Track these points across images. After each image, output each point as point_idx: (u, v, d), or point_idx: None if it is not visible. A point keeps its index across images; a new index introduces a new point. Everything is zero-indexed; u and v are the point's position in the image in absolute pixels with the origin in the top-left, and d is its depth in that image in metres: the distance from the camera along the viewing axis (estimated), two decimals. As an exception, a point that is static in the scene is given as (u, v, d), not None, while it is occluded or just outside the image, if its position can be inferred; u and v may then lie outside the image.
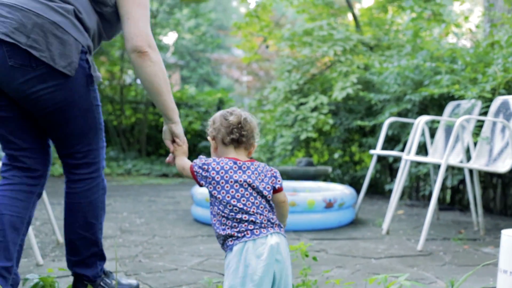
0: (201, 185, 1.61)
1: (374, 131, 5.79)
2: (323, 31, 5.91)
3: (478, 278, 2.33)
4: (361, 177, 5.86)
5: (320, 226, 3.55)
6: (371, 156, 5.75)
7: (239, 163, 1.60)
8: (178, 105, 9.35)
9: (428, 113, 4.55)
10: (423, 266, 2.55)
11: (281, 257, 1.54)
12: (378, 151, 4.02)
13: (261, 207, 1.57)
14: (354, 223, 3.85)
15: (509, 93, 3.74)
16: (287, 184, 4.46)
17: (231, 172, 1.57)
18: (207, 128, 1.72)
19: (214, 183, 1.57)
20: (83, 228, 1.95)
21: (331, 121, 5.59)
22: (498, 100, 3.45)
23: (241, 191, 1.56)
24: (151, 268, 2.46)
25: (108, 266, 2.13)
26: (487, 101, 3.78)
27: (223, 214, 1.55)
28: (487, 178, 4.40)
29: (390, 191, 5.10)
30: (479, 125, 3.75)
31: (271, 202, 1.61)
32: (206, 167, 1.58)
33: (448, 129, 3.80)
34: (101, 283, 2.02)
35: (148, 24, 1.88)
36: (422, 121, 3.38)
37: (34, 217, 3.82)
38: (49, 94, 1.77)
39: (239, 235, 1.53)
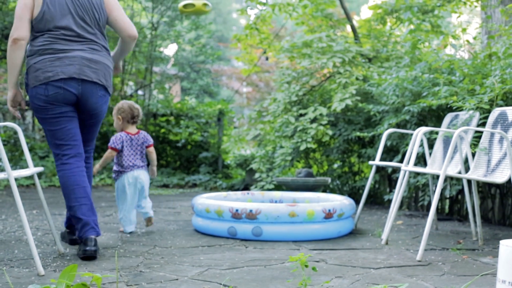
0: (117, 150, 3.66)
1: (373, 142, 5.82)
2: (322, 43, 5.96)
3: (477, 288, 2.34)
4: (360, 187, 5.88)
5: (320, 236, 3.57)
6: (370, 166, 5.78)
7: (131, 135, 3.68)
8: (179, 116, 9.41)
9: (426, 124, 4.58)
10: (422, 276, 2.57)
11: (141, 181, 3.67)
12: (377, 161, 4.04)
13: (137, 158, 3.69)
14: (354, 233, 3.86)
15: (506, 105, 3.77)
16: (287, 194, 4.48)
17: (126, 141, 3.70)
18: (114, 110, 3.69)
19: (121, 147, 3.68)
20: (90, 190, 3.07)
21: (330, 132, 5.62)
22: (495, 111, 3.48)
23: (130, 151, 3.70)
24: (152, 278, 2.47)
25: (109, 276, 2.14)
26: (485, 112, 3.81)
27: (118, 161, 3.69)
28: (485, 189, 4.42)
29: (389, 201, 5.13)
30: (477, 136, 3.78)
31: (143, 154, 3.74)
32: (117, 141, 3.65)
33: (447, 140, 3.83)
34: None
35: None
36: (420, 132, 3.41)
37: (35, 227, 3.85)
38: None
39: (122, 171, 3.67)
